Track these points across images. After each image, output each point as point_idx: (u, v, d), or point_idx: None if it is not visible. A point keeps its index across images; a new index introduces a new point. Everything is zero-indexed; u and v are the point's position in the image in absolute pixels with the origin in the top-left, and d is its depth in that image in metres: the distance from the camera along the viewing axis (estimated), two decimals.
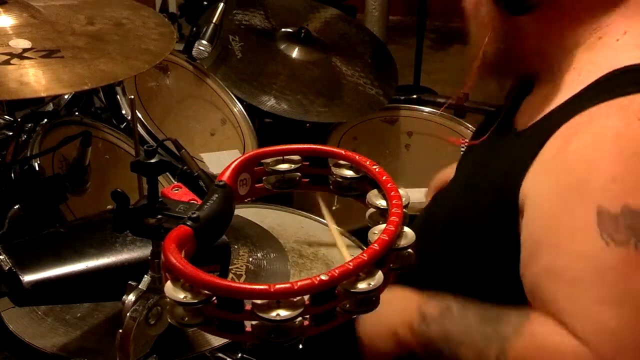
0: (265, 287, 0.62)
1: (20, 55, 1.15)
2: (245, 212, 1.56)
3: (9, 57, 1.13)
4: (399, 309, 1.06)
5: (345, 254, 1.24)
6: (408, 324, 1.04)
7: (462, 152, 1.39)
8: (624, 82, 0.96)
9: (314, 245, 1.59)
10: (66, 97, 1.79)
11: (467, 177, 1.20)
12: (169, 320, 0.66)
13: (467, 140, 1.34)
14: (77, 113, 1.79)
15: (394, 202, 0.73)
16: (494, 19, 1.07)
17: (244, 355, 1.31)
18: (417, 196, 1.58)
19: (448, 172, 1.44)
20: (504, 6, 1.04)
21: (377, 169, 0.79)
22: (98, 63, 1.19)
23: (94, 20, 1.31)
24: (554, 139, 0.97)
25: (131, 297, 0.84)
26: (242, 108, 2.04)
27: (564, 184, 0.94)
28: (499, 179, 1.04)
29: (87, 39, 1.25)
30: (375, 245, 0.67)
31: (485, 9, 1.08)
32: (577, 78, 1.01)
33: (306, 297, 0.64)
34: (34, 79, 1.11)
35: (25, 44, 1.18)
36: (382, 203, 0.77)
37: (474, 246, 1.08)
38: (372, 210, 0.78)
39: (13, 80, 1.09)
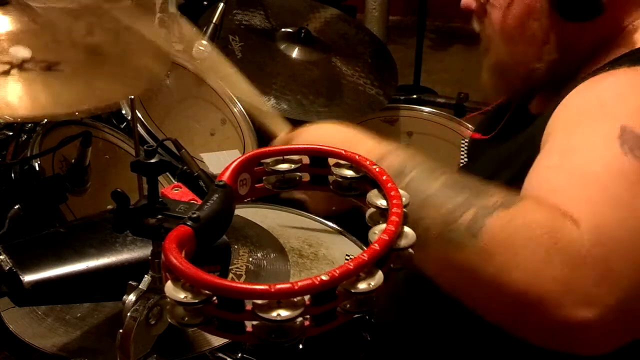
0: (266, 287, 0.62)
1: (21, 66, 1.14)
2: (245, 212, 1.56)
3: (9, 66, 1.13)
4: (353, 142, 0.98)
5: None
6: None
7: (463, 148, 1.35)
8: None
9: (314, 245, 1.59)
10: None
11: (488, 167, 1.16)
12: (169, 320, 0.66)
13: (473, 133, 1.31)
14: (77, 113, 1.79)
15: (394, 202, 0.73)
16: (550, 30, 1.04)
17: (244, 355, 1.31)
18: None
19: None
20: (569, 14, 1.01)
21: (377, 169, 0.79)
22: (96, 84, 1.18)
23: (94, 30, 1.30)
24: (579, 87, 0.95)
25: (131, 297, 0.84)
26: (242, 108, 2.04)
27: (589, 107, 0.90)
28: (520, 155, 1.00)
29: (87, 52, 1.24)
30: (376, 245, 0.67)
31: (537, 22, 1.04)
32: (598, 62, 1.01)
33: (306, 297, 0.64)
34: (33, 96, 1.10)
35: (25, 53, 1.17)
36: (382, 203, 0.77)
37: None
38: (372, 210, 0.78)
39: (12, 96, 1.09)
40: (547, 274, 0.77)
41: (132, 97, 1.17)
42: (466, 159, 1.32)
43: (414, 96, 2.47)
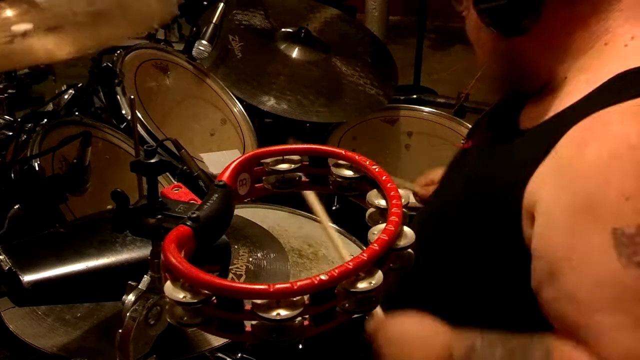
0: (265, 287, 0.62)
1: (24, 36, 1.15)
2: (245, 212, 1.56)
3: (10, 38, 1.14)
4: (427, 344, 1.05)
5: (340, 248, 1.23)
6: None
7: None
8: (635, 83, 0.96)
9: (314, 245, 1.59)
10: (66, 97, 1.79)
11: (468, 176, 1.19)
12: (169, 320, 0.66)
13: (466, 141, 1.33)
14: (77, 113, 1.79)
15: (393, 202, 0.74)
16: (493, 41, 1.07)
17: (244, 355, 1.31)
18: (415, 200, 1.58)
19: (438, 172, 1.44)
20: (497, 30, 1.05)
21: (377, 169, 0.79)
22: (101, 29, 1.20)
23: (95, 1, 1.31)
24: (567, 141, 0.96)
25: (131, 297, 0.84)
26: (242, 108, 2.04)
27: (579, 202, 0.92)
28: (504, 175, 1.03)
29: (88, 16, 1.25)
30: (375, 245, 0.67)
31: (484, 34, 1.08)
32: (586, 81, 1.01)
33: (306, 297, 0.64)
34: (38, 47, 1.12)
35: (26, 26, 1.19)
36: (382, 203, 0.77)
37: (475, 244, 1.08)
38: (372, 210, 0.78)
39: (17, 53, 1.10)
40: None
41: (132, 97, 1.17)
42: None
43: (414, 96, 2.47)
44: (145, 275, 0.86)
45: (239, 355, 1.30)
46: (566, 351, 0.91)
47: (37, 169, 1.47)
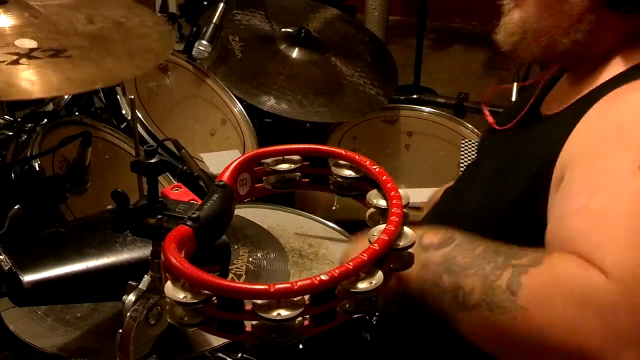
0: (265, 287, 0.62)
1: (28, 55, 1.16)
2: (245, 212, 1.56)
3: (17, 56, 1.14)
4: None
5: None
6: None
7: (464, 148, 1.35)
8: None
9: (314, 245, 1.59)
10: (66, 97, 1.79)
11: (497, 163, 1.17)
12: (169, 320, 0.66)
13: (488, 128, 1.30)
14: (77, 113, 1.79)
15: (394, 202, 0.73)
16: (588, 11, 1.03)
17: (244, 355, 1.31)
18: (417, 196, 1.58)
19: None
20: (616, 2, 1.00)
21: (377, 169, 0.79)
22: (105, 63, 1.20)
23: (94, 19, 1.32)
24: (596, 105, 0.95)
25: (131, 297, 0.84)
26: (242, 108, 2.04)
27: (608, 131, 0.90)
28: (534, 160, 1.01)
29: (91, 38, 1.26)
30: (375, 245, 0.67)
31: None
32: (621, 63, 1.01)
33: (306, 297, 0.64)
34: (44, 79, 1.12)
35: (31, 43, 1.19)
36: (382, 203, 0.77)
37: (502, 230, 1.06)
38: (372, 210, 0.78)
39: (24, 80, 1.11)
40: (584, 329, 0.78)
41: (132, 97, 1.17)
42: (470, 157, 1.32)
43: (414, 96, 2.47)
44: (145, 275, 0.86)
45: (239, 355, 1.30)
46: (563, 257, 0.84)
47: (37, 169, 1.47)
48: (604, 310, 0.79)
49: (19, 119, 1.63)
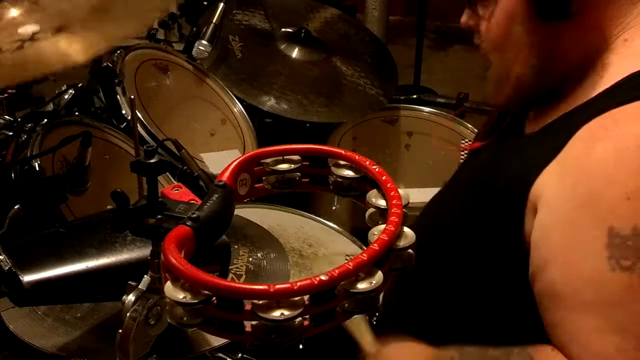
0: (265, 287, 0.62)
1: (32, 38, 1.16)
2: (245, 212, 1.56)
3: (20, 42, 1.15)
4: None
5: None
6: None
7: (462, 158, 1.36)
8: None
9: (314, 245, 1.59)
10: (66, 97, 1.79)
11: (473, 176, 1.19)
12: (169, 320, 0.66)
13: (469, 143, 1.33)
14: (77, 113, 1.79)
15: (393, 202, 0.73)
16: (532, 32, 1.03)
17: (244, 355, 1.31)
18: (417, 196, 1.58)
19: None
20: (545, 12, 1.01)
21: (377, 169, 0.79)
22: (107, 27, 1.22)
23: None
24: (576, 139, 0.95)
25: (131, 297, 0.84)
26: (242, 108, 2.04)
27: (580, 196, 0.92)
28: (510, 175, 1.03)
29: (91, 12, 1.26)
30: (375, 245, 0.67)
31: (519, 26, 1.04)
32: (600, 80, 1.00)
33: (306, 297, 0.64)
34: (51, 52, 1.13)
35: (33, 28, 1.20)
36: (382, 203, 0.77)
37: (478, 243, 1.08)
38: (372, 210, 0.78)
39: (29, 60, 1.11)
40: None
41: (132, 97, 1.17)
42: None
43: (414, 96, 2.47)
44: (145, 275, 0.86)
45: (239, 355, 1.30)
46: (545, 354, 0.92)
47: (37, 169, 1.47)
48: None
49: (19, 119, 1.63)
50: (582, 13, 1.00)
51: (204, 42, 1.95)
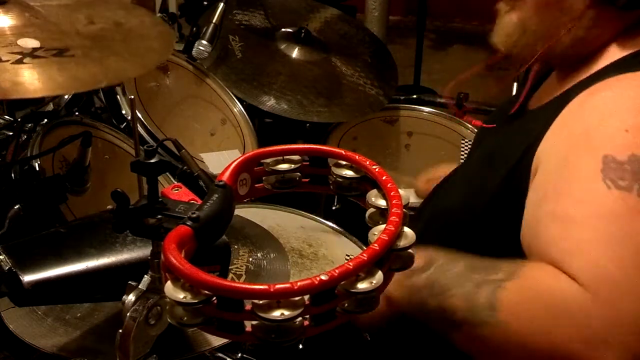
0: (265, 287, 0.62)
1: (32, 55, 1.16)
2: (245, 212, 1.56)
3: (20, 55, 1.15)
4: None
5: None
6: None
7: (464, 148, 1.37)
8: None
9: (314, 245, 1.59)
10: (66, 97, 1.79)
11: (484, 153, 1.20)
12: (169, 320, 0.66)
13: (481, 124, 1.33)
14: (77, 113, 1.80)
15: (393, 202, 0.73)
16: (589, 7, 1.04)
17: (244, 355, 1.31)
18: (417, 196, 1.58)
19: (443, 168, 1.44)
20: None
21: (377, 169, 0.79)
22: (109, 62, 1.21)
23: (94, 19, 1.32)
24: (572, 102, 0.97)
25: (131, 297, 0.84)
26: (242, 108, 2.04)
27: (576, 133, 0.93)
28: (514, 154, 1.04)
29: (93, 38, 1.27)
30: (375, 245, 0.67)
31: None
32: (602, 59, 1.02)
33: (306, 297, 0.64)
34: (49, 77, 1.12)
35: (34, 43, 1.20)
36: (382, 203, 0.77)
37: (485, 223, 1.07)
38: (372, 210, 0.78)
39: (29, 79, 1.11)
40: (562, 336, 0.83)
41: (132, 97, 1.17)
42: (467, 150, 1.36)
43: (414, 96, 2.47)
44: (145, 275, 0.86)
45: (239, 355, 1.30)
46: (538, 264, 0.89)
47: (37, 169, 1.47)
48: (577, 316, 0.83)
49: (19, 119, 1.63)
50: (632, 9, 1.02)
51: (204, 42, 1.95)
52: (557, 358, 0.83)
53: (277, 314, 0.62)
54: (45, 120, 1.61)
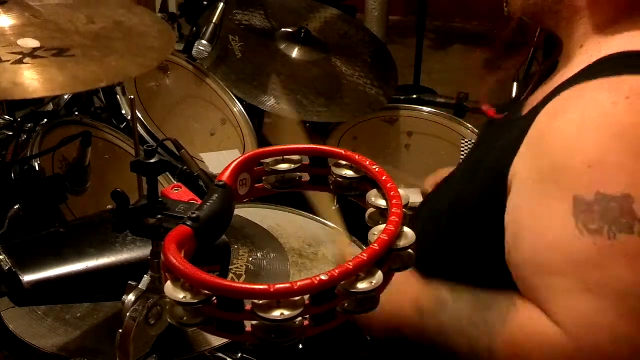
0: (265, 287, 0.62)
1: (32, 55, 1.16)
2: (245, 212, 1.56)
3: (20, 56, 1.15)
4: (397, 296, 1.06)
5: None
6: (404, 316, 1.05)
7: (464, 148, 1.38)
8: (619, 64, 0.96)
9: (314, 245, 1.59)
10: (66, 97, 1.79)
11: (473, 159, 1.21)
12: (169, 320, 0.66)
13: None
14: (77, 113, 1.79)
15: (393, 202, 0.73)
16: None
17: (244, 355, 1.31)
18: (417, 196, 1.58)
19: (449, 169, 1.45)
20: None
21: (377, 169, 0.79)
22: (109, 61, 1.21)
23: (94, 19, 1.32)
24: (541, 115, 0.98)
25: (131, 297, 0.84)
26: (242, 108, 2.04)
27: (545, 169, 0.94)
28: (494, 160, 1.06)
29: (93, 37, 1.27)
30: (375, 245, 0.67)
31: None
32: (583, 62, 1.02)
33: (306, 297, 0.64)
34: (49, 77, 1.12)
35: (34, 43, 1.20)
36: (382, 203, 0.77)
37: (467, 227, 1.09)
38: (372, 210, 0.78)
39: (29, 79, 1.11)
40: None
41: (132, 97, 1.17)
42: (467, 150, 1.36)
43: (414, 96, 2.47)
44: (145, 275, 0.86)
45: (239, 355, 1.30)
46: (529, 308, 0.94)
47: (37, 169, 1.47)
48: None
49: (19, 119, 1.63)
50: None
51: (204, 42, 1.95)
52: None
53: (277, 314, 0.62)
54: (45, 120, 1.62)
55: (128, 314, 0.83)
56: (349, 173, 0.83)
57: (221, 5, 2.01)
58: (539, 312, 0.92)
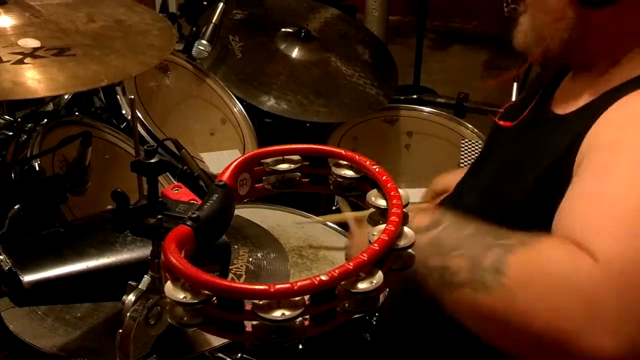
0: (265, 287, 0.62)
1: (32, 55, 1.16)
2: (245, 212, 1.56)
3: (21, 56, 1.15)
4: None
5: None
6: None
7: (463, 148, 1.35)
8: None
9: (314, 245, 1.59)
10: (66, 97, 1.79)
11: (503, 161, 1.17)
12: (169, 320, 0.66)
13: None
14: (77, 113, 1.79)
15: (394, 202, 0.73)
16: (567, 7, 1.03)
17: (244, 355, 1.31)
18: (417, 196, 1.58)
19: (448, 177, 1.43)
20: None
21: (377, 169, 0.79)
22: (110, 60, 1.21)
23: (94, 17, 1.32)
24: (618, 103, 0.95)
25: (131, 297, 0.84)
26: (242, 108, 2.04)
27: (626, 124, 0.91)
28: (543, 158, 1.01)
29: (93, 36, 1.27)
30: (376, 245, 0.67)
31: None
32: (635, 67, 1.00)
33: (306, 297, 0.64)
34: (50, 77, 1.12)
35: (34, 43, 1.20)
36: (382, 203, 0.77)
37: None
38: (372, 210, 0.78)
39: (30, 79, 1.11)
40: (567, 311, 0.78)
41: (132, 97, 1.17)
42: (470, 157, 1.33)
43: (414, 96, 2.47)
44: (145, 275, 0.86)
45: (239, 355, 1.30)
46: (554, 239, 0.85)
47: (37, 169, 1.47)
48: (587, 295, 0.78)
49: (19, 119, 1.63)
50: (622, 5, 1.00)
51: (204, 42, 1.95)
52: (552, 334, 0.79)
53: (277, 314, 0.62)
54: (45, 120, 1.62)
55: (128, 314, 0.83)
56: (349, 173, 0.83)
57: (221, 5, 2.01)
58: (568, 242, 0.82)
